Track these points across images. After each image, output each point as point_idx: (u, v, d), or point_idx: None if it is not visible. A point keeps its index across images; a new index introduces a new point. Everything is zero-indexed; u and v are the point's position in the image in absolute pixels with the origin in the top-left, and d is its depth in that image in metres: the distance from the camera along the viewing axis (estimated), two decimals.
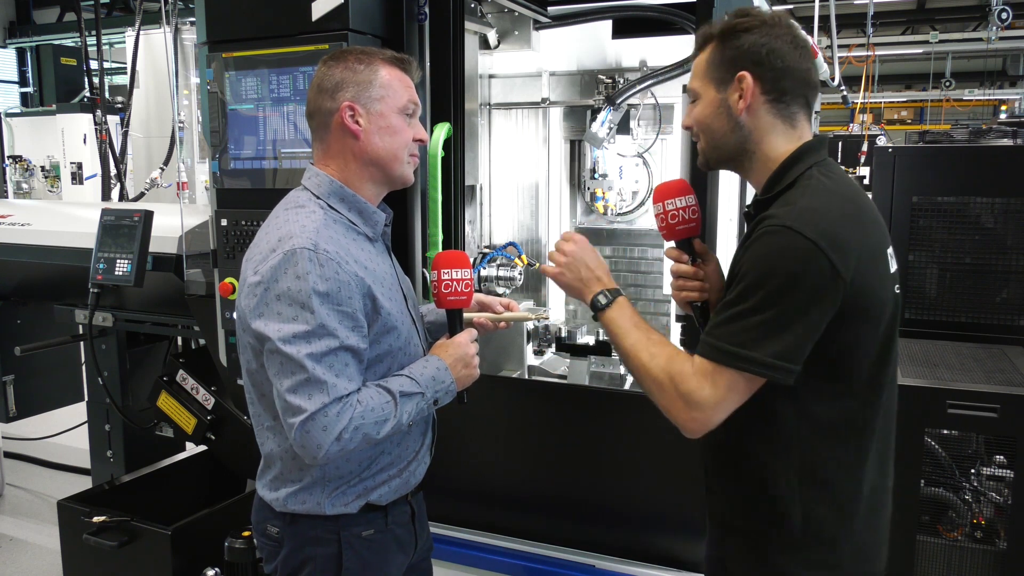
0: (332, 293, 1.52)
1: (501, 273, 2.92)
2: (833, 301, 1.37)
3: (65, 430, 4.66)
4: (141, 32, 5.39)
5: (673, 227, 1.67)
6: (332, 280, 1.52)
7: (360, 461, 1.66)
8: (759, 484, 1.51)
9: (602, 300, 1.59)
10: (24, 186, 10.68)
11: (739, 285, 1.41)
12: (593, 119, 3.36)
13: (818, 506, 1.48)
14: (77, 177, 9.84)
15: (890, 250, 1.51)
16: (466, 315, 1.87)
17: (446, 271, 1.72)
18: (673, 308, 3.23)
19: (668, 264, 1.75)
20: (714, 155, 1.57)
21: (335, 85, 1.62)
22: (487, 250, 2.98)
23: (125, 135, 5.56)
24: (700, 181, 2.14)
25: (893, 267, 1.51)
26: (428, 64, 2.38)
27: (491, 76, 3.59)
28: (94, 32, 6.16)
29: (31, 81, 14.65)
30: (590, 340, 3.22)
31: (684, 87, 2.60)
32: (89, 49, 6.40)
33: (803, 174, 1.47)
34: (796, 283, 1.35)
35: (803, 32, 1.53)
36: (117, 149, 5.54)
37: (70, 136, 9.78)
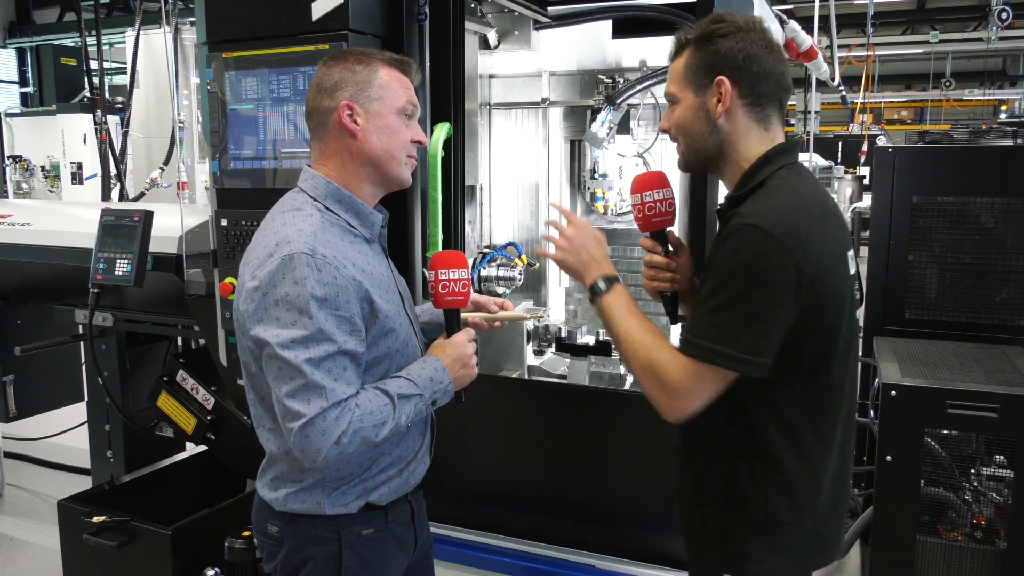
0: (330, 298, 1.52)
1: (501, 273, 2.92)
2: (798, 297, 1.42)
3: (65, 430, 4.65)
4: (141, 32, 5.39)
5: (649, 218, 1.74)
6: (330, 285, 1.52)
7: (360, 462, 1.66)
8: (728, 471, 1.57)
9: (601, 286, 1.64)
10: (24, 186, 10.68)
11: (710, 282, 1.47)
12: (593, 119, 3.36)
13: (780, 496, 1.54)
14: (77, 177, 9.85)
15: (850, 253, 1.57)
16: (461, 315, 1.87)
17: (443, 271, 1.73)
18: None
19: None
20: (692, 157, 1.62)
21: (334, 84, 1.62)
22: (487, 250, 2.98)
23: (125, 135, 5.56)
24: (700, 182, 2.14)
25: (852, 269, 1.57)
26: (428, 64, 2.38)
27: (491, 76, 3.59)
28: (94, 32, 6.16)
29: (31, 81, 14.66)
30: (590, 340, 3.21)
31: None
32: (89, 49, 6.41)
33: (772, 174, 1.52)
34: (762, 279, 1.41)
35: (775, 36, 1.58)
36: (117, 149, 5.54)
37: (70, 136, 9.79)
